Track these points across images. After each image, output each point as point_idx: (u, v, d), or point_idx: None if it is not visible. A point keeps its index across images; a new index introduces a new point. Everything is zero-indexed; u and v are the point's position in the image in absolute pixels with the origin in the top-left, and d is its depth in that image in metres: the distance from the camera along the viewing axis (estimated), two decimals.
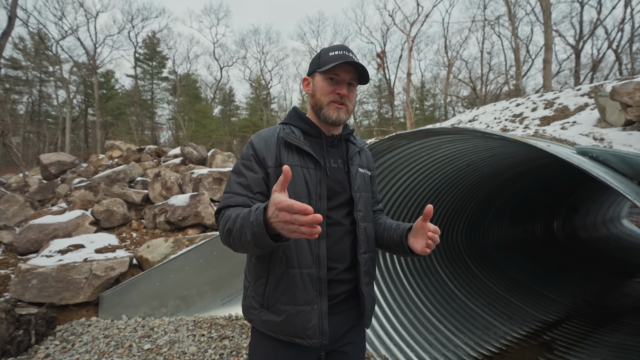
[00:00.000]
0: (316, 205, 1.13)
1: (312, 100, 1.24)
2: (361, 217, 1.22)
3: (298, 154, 1.16)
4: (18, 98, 29.55)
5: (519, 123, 7.08)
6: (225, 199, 1.14)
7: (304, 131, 1.23)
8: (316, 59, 1.24)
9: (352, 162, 1.26)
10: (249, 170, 1.14)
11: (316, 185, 1.14)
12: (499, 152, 3.37)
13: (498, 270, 4.74)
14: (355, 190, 1.22)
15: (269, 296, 1.12)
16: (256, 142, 1.18)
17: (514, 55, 20.64)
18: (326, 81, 1.19)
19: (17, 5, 15.91)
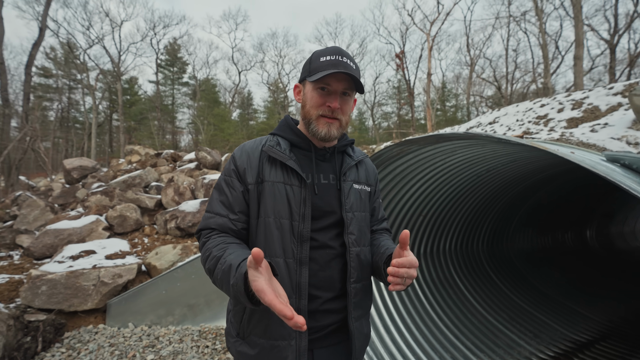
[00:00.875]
0: (298, 227, 1.01)
1: (302, 112, 1.12)
2: (353, 241, 1.08)
3: (282, 169, 1.05)
4: (49, 105, 31.19)
5: (543, 125, 6.64)
6: (205, 219, 1.06)
7: (292, 143, 1.12)
8: (307, 64, 1.10)
9: (345, 177, 1.12)
10: (230, 187, 1.06)
11: (299, 205, 1.02)
12: (521, 157, 3.10)
13: (523, 283, 4.41)
14: (347, 210, 1.08)
15: (244, 325, 1.03)
16: (238, 155, 1.10)
17: (542, 52, 19.73)
18: (316, 91, 1.05)
19: (47, 17, 16.77)
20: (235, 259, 0.87)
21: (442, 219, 3.79)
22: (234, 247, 0.96)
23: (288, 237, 1.00)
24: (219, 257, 0.92)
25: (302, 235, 1.01)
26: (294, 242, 1.00)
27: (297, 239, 1.01)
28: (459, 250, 4.28)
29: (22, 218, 5.76)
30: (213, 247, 0.96)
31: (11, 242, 5.08)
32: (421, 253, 3.79)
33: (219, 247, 0.95)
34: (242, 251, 0.93)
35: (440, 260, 4.02)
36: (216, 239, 0.99)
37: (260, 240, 1.03)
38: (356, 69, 1.06)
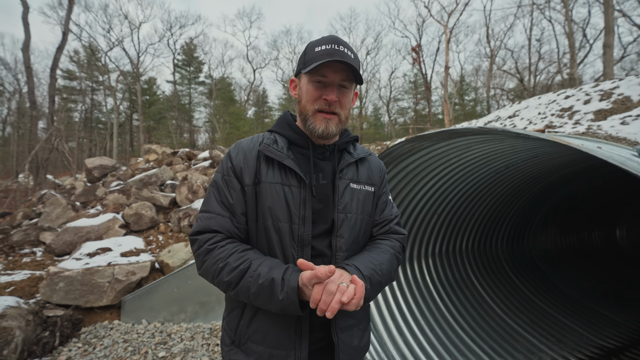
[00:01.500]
0: (299, 231, 0.95)
1: (299, 107, 1.05)
2: (341, 245, 1.00)
3: (279, 169, 0.99)
4: (73, 107, 32.48)
5: (567, 118, 6.28)
6: (204, 220, 0.97)
7: (290, 140, 1.05)
8: (302, 56, 1.03)
9: (342, 175, 1.04)
10: (230, 187, 1.00)
11: (299, 207, 0.96)
12: (543, 152, 2.92)
13: (546, 284, 4.19)
14: (340, 211, 1.00)
15: (241, 332, 0.97)
16: (234, 154, 1.03)
17: (568, 40, 18.77)
18: (312, 84, 0.98)
19: (70, 21, 17.37)
20: (271, 271, 0.85)
21: (458, 217, 3.64)
22: (254, 255, 0.92)
23: (287, 241, 0.95)
24: (244, 269, 0.87)
25: (303, 240, 0.95)
26: (294, 247, 0.95)
27: (298, 243, 0.95)
28: (476, 250, 4.12)
29: (45, 216, 5.98)
30: (227, 256, 0.90)
31: (35, 239, 5.29)
32: (436, 252, 3.66)
33: (235, 257, 0.89)
34: (269, 260, 0.91)
35: (456, 260, 3.87)
36: (226, 247, 0.92)
37: (261, 244, 0.97)
38: (355, 58, 0.98)
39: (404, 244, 1.17)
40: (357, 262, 0.94)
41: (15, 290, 3.46)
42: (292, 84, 1.09)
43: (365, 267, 0.93)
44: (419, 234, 3.43)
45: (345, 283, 0.80)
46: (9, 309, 2.73)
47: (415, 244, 3.46)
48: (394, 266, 1.05)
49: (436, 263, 3.69)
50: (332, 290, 0.77)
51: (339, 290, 0.78)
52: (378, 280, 0.95)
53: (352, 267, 0.91)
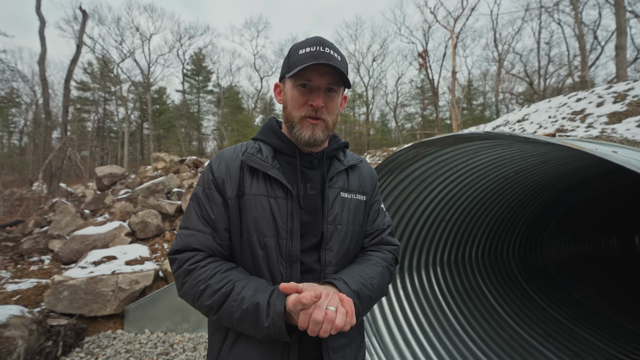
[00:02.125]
0: (286, 246, 0.89)
1: (284, 114, 0.99)
2: (331, 259, 0.93)
3: (264, 180, 0.93)
4: (86, 117, 33.31)
5: (579, 122, 6.11)
6: (183, 237, 0.90)
7: (276, 149, 0.98)
8: (286, 59, 0.98)
9: (332, 184, 0.98)
10: (211, 201, 0.93)
11: (286, 220, 0.90)
12: (555, 157, 2.81)
13: (561, 294, 4.03)
14: (329, 222, 0.94)
15: (224, 356, 0.90)
16: (216, 165, 0.97)
17: (579, 43, 18.48)
18: (297, 89, 0.93)
19: (83, 35, 17.90)
20: (256, 294, 0.78)
21: (466, 224, 3.53)
22: (238, 275, 0.85)
23: (274, 258, 0.88)
24: (227, 292, 0.80)
25: (291, 255, 0.89)
26: (282, 264, 0.89)
27: (286, 259, 0.89)
28: (486, 258, 3.99)
29: (55, 224, 6.06)
30: (208, 277, 0.83)
31: (44, 247, 5.34)
32: (444, 261, 3.55)
33: (217, 278, 0.83)
34: (254, 281, 0.84)
35: (465, 269, 3.75)
36: (208, 267, 0.85)
37: (246, 262, 0.91)
38: (342, 60, 0.93)
39: (396, 255, 1.10)
40: (345, 276, 0.88)
41: (21, 299, 3.47)
42: (276, 89, 1.04)
43: (354, 282, 0.87)
44: (426, 242, 3.34)
45: (332, 307, 0.73)
46: (12, 318, 2.73)
47: (422, 252, 3.37)
48: (386, 280, 0.99)
49: (444, 271, 3.58)
50: (319, 320, 0.70)
51: (327, 318, 0.71)
52: (368, 295, 0.89)
53: (340, 282, 0.85)
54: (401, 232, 3.14)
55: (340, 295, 0.77)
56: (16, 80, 23.53)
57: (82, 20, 17.48)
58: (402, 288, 3.31)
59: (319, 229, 0.94)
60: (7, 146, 35.54)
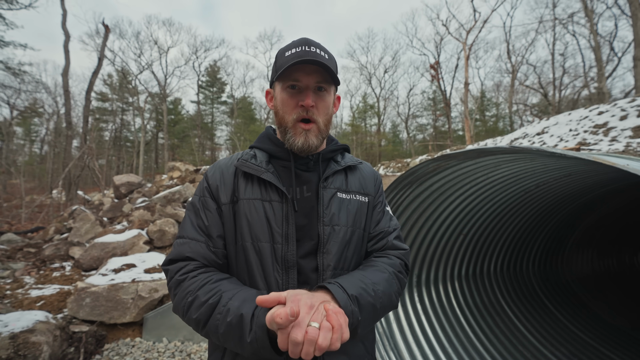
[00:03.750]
0: (281, 251, 0.85)
1: (277, 119, 0.97)
2: (328, 262, 0.87)
3: (259, 185, 0.91)
4: (104, 126, 34.41)
5: (602, 135, 5.99)
6: (177, 246, 0.88)
7: (270, 154, 0.98)
8: (274, 64, 0.97)
9: (327, 184, 0.94)
10: (205, 208, 0.92)
11: (281, 224, 0.87)
12: (577, 171, 2.77)
13: (585, 312, 3.89)
14: (326, 224, 0.89)
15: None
16: (211, 173, 0.98)
17: (595, 54, 18.29)
18: (286, 91, 0.91)
19: (105, 47, 18.67)
20: (242, 305, 0.72)
21: (485, 238, 3.48)
22: (227, 285, 0.79)
23: (269, 263, 0.84)
24: (213, 304, 0.74)
25: (287, 261, 0.84)
26: (277, 270, 0.84)
27: (282, 265, 0.84)
28: (505, 273, 3.90)
29: (75, 231, 6.23)
30: (197, 288, 0.78)
31: (65, 253, 5.49)
32: (462, 275, 3.50)
33: (206, 289, 0.77)
34: (243, 291, 0.78)
35: (484, 283, 3.68)
36: (198, 278, 0.80)
37: (241, 269, 0.87)
38: (329, 58, 0.90)
39: (406, 261, 1.00)
40: (342, 280, 0.79)
41: (44, 305, 3.56)
42: (267, 95, 1.01)
43: (353, 286, 0.77)
44: (444, 255, 3.30)
45: (315, 323, 0.62)
46: (38, 324, 2.81)
47: (440, 265, 3.33)
48: (394, 288, 0.89)
49: (462, 286, 3.52)
50: (297, 340, 0.60)
51: (307, 338, 0.60)
52: (370, 302, 0.79)
53: (334, 286, 0.75)
54: (419, 244, 3.12)
55: (326, 307, 0.66)
56: (40, 92, 24.58)
57: (104, 35, 18.29)
58: (419, 302, 3.27)
59: (315, 231, 0.89)
60: (29, 154, 36.90)
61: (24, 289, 3.95)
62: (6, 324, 2.75)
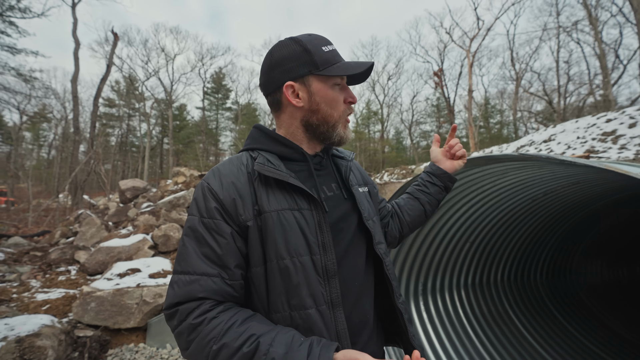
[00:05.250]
0: (321, 261, 0.79)
1: (310, 115, 0.88)
2: (385, 251, 0.95)
3: (282, 192, 0.81)
4: (111, 132, 34.85)
5: (611, 143, 5.94)
6: (183, 285, 0.72)
7: (281, 156, 0.88)
8: (303, 54, 0.85)
9: (351, 182, 0.97)
10: (217, 233, 0.76)
11: (316, 232, 0.80)
12: (586, 179, 2.75)
13: (595, 323, 3.82)
14: (367, 218, 0.93)
15: None
16: (217, 186, 0.80)
17: (600, 62, 18.24)
18: (332, 88, 0.88)
19: (114, 55, 18.99)
20: (292, 353, 0.64)
21: (492, 246, 3.45)
22: (260, 327, 0.70)
23: (313, 278, 0.77)
24: (251, 352, 0.65)
25: (329, 270, 0.79)
26: (321, 282, 0.78)
27: (323, 276, 0.78)
28: (512, 282, 3.85)
29: (81, 235, 6.26)
30: (221, 334, 0.67)
31: (70, 257, 5.52)
32: (469, 283, 3.46)
33: (233, 334, 0.67)
34: (282, 333, 0.69)
35: (490, 292, 3.63)
36: (219, 320, 0.69)
37: (277, 292, 0.77)
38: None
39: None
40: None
41: (50, 309, 3.57)
42: (289, 89, 0.87)
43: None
44: (449, 264, 3.27)
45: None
46: (44, 328, 2.81)
47: (446, 274, 3.29)
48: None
49: (469, 294, 3.48)
50: None
51: None
52: None
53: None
54: (425, 252, 3.09)
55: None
56: (49, 98, 25.01)
57: (113, 42, 18.61)
58: (425, 310, 3.23)
59: (350, 230, 0.90)
60: (37, 159, 37.39)
61: (30, 293, 3.97)
62: (12, 327, 2.76)
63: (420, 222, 1.23)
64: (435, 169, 1.21)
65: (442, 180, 1.20)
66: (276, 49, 0.90)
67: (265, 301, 0.78)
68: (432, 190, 1.20)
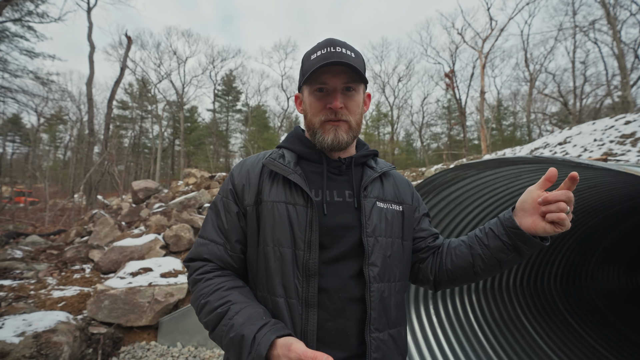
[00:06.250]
0: (303, 258, 0.81)
1: (306, 123, 0.96)
2: (375, 275, 0.84)
3: (284, 186, 0.88)
4: (124, 133, 35.60)
5: (630, 145, 5.77)
6: (197, 246, 0.91)
7: (300, 155, 0.94)
8: (300, 68, 0.96)
9: (367, 193, 0.91)
10: (227, 210, 0.91)
11: (305, 229, 0.83)
12: (603, 182, 2.68)
13: (611, 330, 3.71)
14: (369, 234, 0.86)
15: None
16: (237, 172, 0.95)
17: (618, 62, 17.78)
18: (314, 95, 0.90)
19: (127, 58, 19.41)
20: (247, 325, 0.72)
21: None
22: (238, 297, 0.79)
23: (290, 270, 0.81)
24: (222, 313, 0.76)
25: (309, 269, 0.81)
26: (298, 278, 0.81)
27: (302, 273, 0.81)
28: (525, 287, 3.77)
29: (95, 234, 6.41)
30: (209, 292, 0.80)
31: (85, 256, 5.65)
32: (480, 288, 3.41)
33: (217, 296, 0.79)
34: (250, 307, 0.77)
35: (502, 297, 3.57)
36: (212, 282, 0.82)
37: (261, 274, 0.86)
38: (356, 57, 0.89)
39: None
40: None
41: (65, 306, 3.66)
42: (296, 100, 1.00)
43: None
44: None
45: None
46: (60, 324, 2.88)
47: None
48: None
49: (480, 299, 3.42)
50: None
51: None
52: None
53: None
54: None
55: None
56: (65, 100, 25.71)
57: (127, 46, 19.04)
58: (435, 314, 3.19)
59: (352, 241, 0.86)
60: (53, 160, 38.44)
61: (46, 290, 4.08)
62: (30, 323, 2.84)
63: (465, 278, 0.95)
64: (507, 218, 0.86)
65: (509, 237, 0.84)
66: None
67: (254, 279, 0.88)
68: (493, 244, 0.87)
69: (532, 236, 0.81)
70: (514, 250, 0.85)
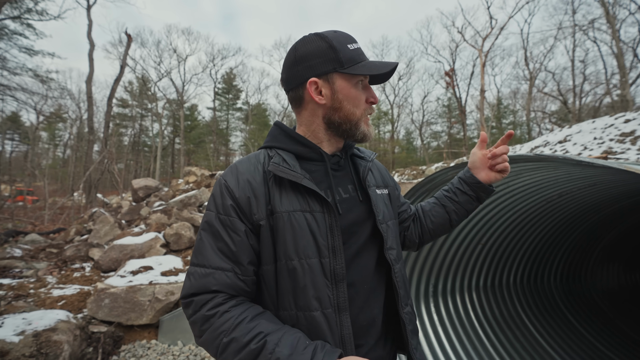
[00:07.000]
0: (330, 265, 0.79)
1: (332, 113, 0.88)
2: (395, 257, 0.91)
3: (295, 193, 0.81)
4: (124, 131, 35.57)
5: (630, 144, 5.77)
6: (199, 278, 0.76)
7: (298, 155, 0.88)
8: (328, 51, 0.85)
9: (368, 183, 0.93)
10: (230, 229, 0.79)
11: (327, 236, 0.80)
12: (603, 180, 2.68)
13: (612, 329, 3.72)
14: (381, 222, 0.90)
15: None
16: (233, 184, 0.82)
17: (617, 61, 17.76)
18: (356, 87, 0.88)
19: (127, 56, 19.36)
20: (296, 356, 0.66)
21: (504, 248, 3.39)
22: (268, 326, 0.72)
23: (320, 280, 0.78)
24: (258, 349, 0.68)
25: (337, 274, 0.79)
26: (328, 286, 0.78)
27: (331, 280, 0.79)
28: (525, 285, 3.78)
29: (95, 233, 6.41)
30: (231, 328, 0.70)
31: (85, 254, 5.65)
32: (480, 285, 3.41)
33: (242, 329, 0.70)
34: (288, 334, 0.71)
35: (503, 295, 3.57)
36: (230, 314, 0.73)
37: (285, 291, 0.79)
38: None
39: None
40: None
41: (65, 304, 3.66)
42: (312, 86, 0.86)
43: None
44: (461, 265, 3.23)
45: None
46: (60, 323, 2.88)
47: (457, 276, 3.25)
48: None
49: (480, 297, 3.43)
50: None
51: None
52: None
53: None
54: (436, 253, 3.07)
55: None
56: (65, 98, 25.67)
57: (126, 44, 18.98)
58: (435, 312, 3.20)
59: (365, 232, 0.89)
60: (52, 158, 38.42)
61: (46, 288, 4.08)
62: (30, 322, 2.84)
63: (444, 230, 1.15)
64: (468, 176, 1.08)
65: (473, 190, 1.07)
66: (301, 44, 0.88)
67: (274, 298, 0.80)
68: (462, 199, 1.08)
69: (488, 185, 1.06)
70: (477, 199, 1.10)
